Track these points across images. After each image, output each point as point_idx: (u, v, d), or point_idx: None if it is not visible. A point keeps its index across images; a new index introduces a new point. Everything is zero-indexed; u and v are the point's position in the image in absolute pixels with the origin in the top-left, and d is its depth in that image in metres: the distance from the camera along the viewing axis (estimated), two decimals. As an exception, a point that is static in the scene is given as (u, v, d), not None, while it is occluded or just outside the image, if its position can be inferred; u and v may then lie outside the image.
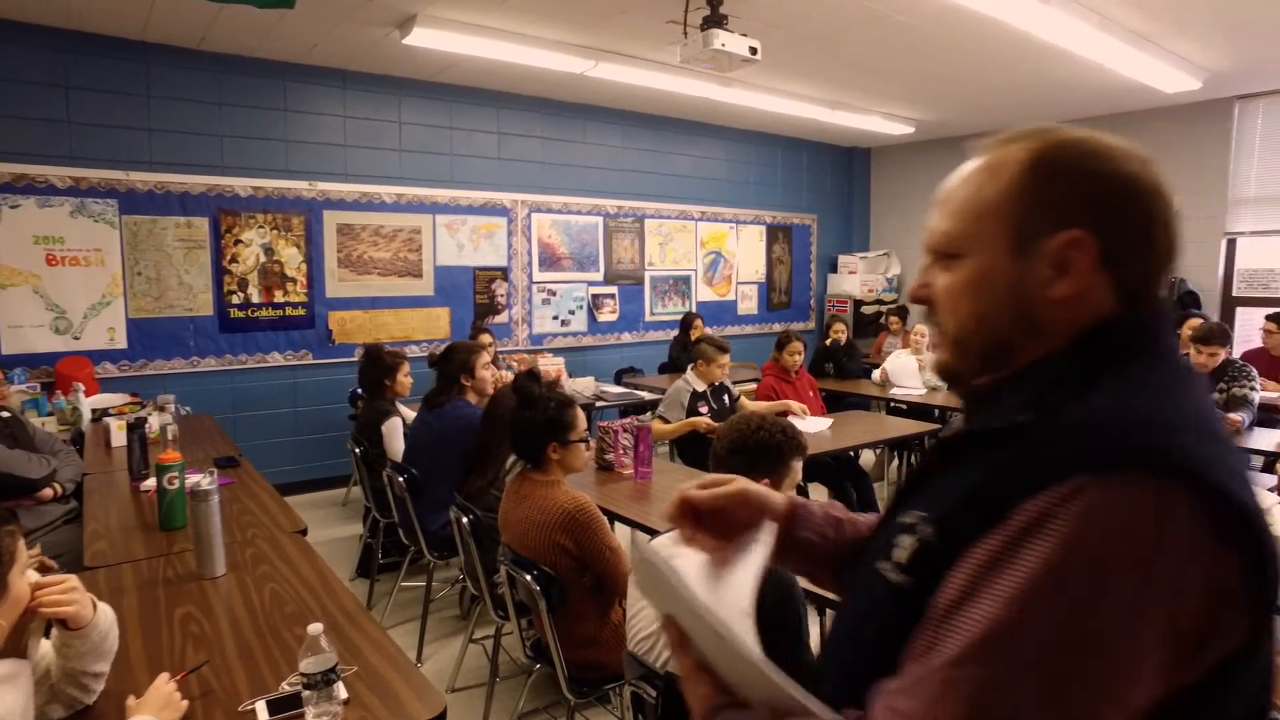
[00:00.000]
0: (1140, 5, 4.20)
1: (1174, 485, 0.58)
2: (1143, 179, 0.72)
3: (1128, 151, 0.74)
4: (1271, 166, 6.16)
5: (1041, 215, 0.72)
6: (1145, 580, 0.56)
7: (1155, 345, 0.71)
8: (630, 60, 5.18)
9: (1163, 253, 0.72)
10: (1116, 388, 0.67)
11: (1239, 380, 4.24)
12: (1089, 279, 0.70)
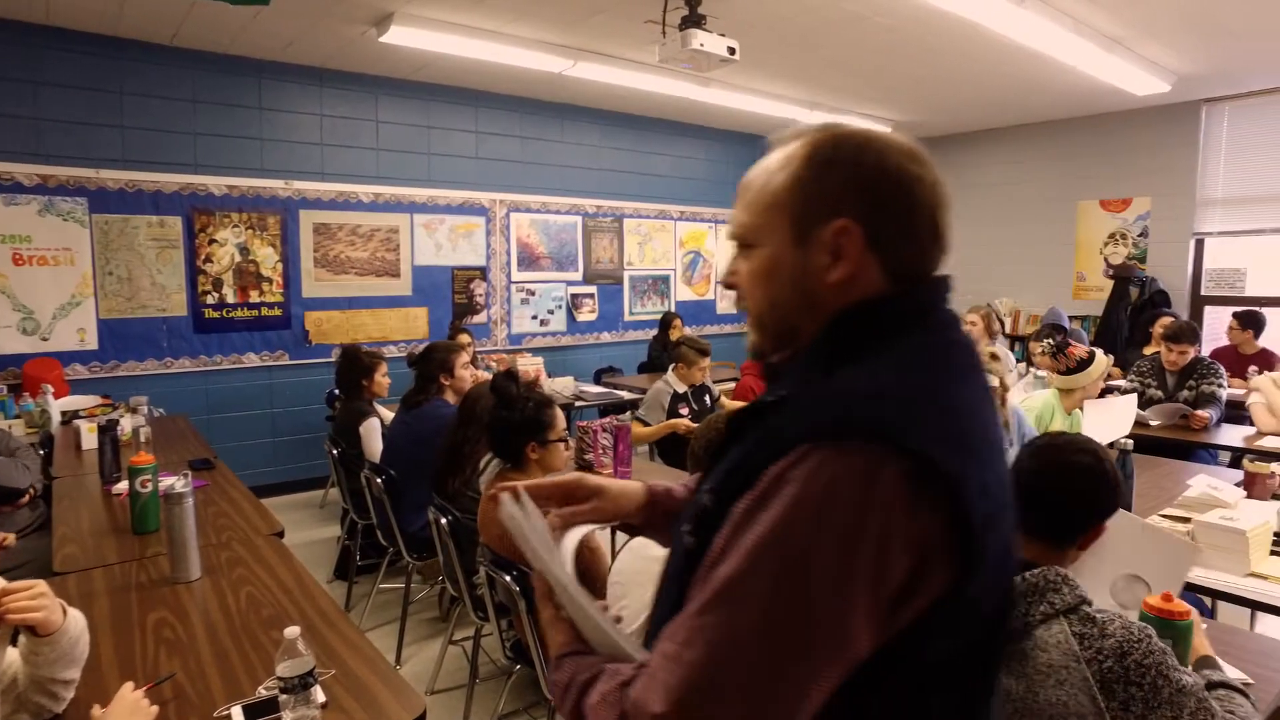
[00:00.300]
0: (1111, 9, 4.27)
1: (883, 451, 0.65)
2: (906, 171, 0.78)
3: (898, 146, 0.80)
4: (1237, 169, 6.28)
5: (815, 206, 0.78)
6: (854, 534, 0.64)
7: (922, 321, 0.78)
8: (609, 60, 5.18)
9: (928, 237, 0.79)
10: (863, 363, 0.74)
11: (1207, 377, 4.32)
12: (859, 263, 0.77)
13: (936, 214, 0.80)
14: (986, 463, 0.73)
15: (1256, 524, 2.22)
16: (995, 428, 0.79)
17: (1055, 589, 1.24)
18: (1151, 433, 4.10)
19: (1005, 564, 0.77)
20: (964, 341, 0.81)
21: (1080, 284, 7.15)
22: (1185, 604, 1.49)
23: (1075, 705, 1.17)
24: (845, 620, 0.64)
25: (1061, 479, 1.37)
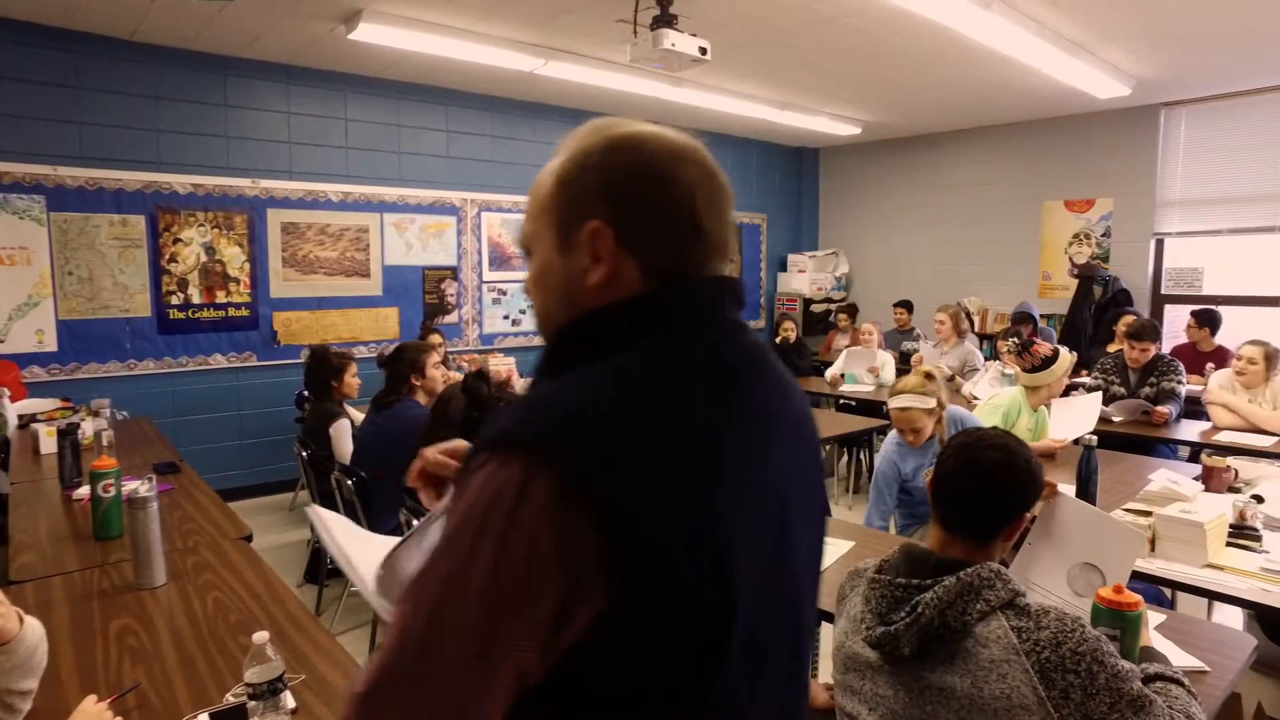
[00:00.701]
0: (1074, 14, 4.35)
1: (540, 465, 0.65)
2: (657, 169, 0.77)
3: (658, 144, 0.79)
4: (1194, 171, 6.43)
5: (572, 209, 0.78)
6: (504, 547, 0.64)
7: (669, 325, 0.76)
8: (580, 59, 5.17)
9: (685, 236, 0.78)
10: (575, 370, 0.73)
11: (1167, 375, 4.42)
12: (614, 264, 0.76)
13: (697, 212, 0.78)
14: (700, 486, 0.69)
15: (1213, 517, 2.28)
16: (759, 451, 0.76)
17: (989, 585, 1.27)
18: (1115, 429, 4.19)
19: (721, 597, 0.70)
20: (727, 351, 0.78)
21: (1046, 283, 7.28)
22: (1135, 595, 1.53)
23: (1018, 697, 1.19)
24: (503, 632, 0.64)
25: (976, 475, 1.39)
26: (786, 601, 0.81)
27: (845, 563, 2.31)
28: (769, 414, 0.80)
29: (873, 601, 1.36)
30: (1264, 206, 6.12)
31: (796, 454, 0.83)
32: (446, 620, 0.65)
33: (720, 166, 0.83)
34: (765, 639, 0.77)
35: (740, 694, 0.75)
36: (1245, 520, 2.41)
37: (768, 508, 0.77)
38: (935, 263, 8.01)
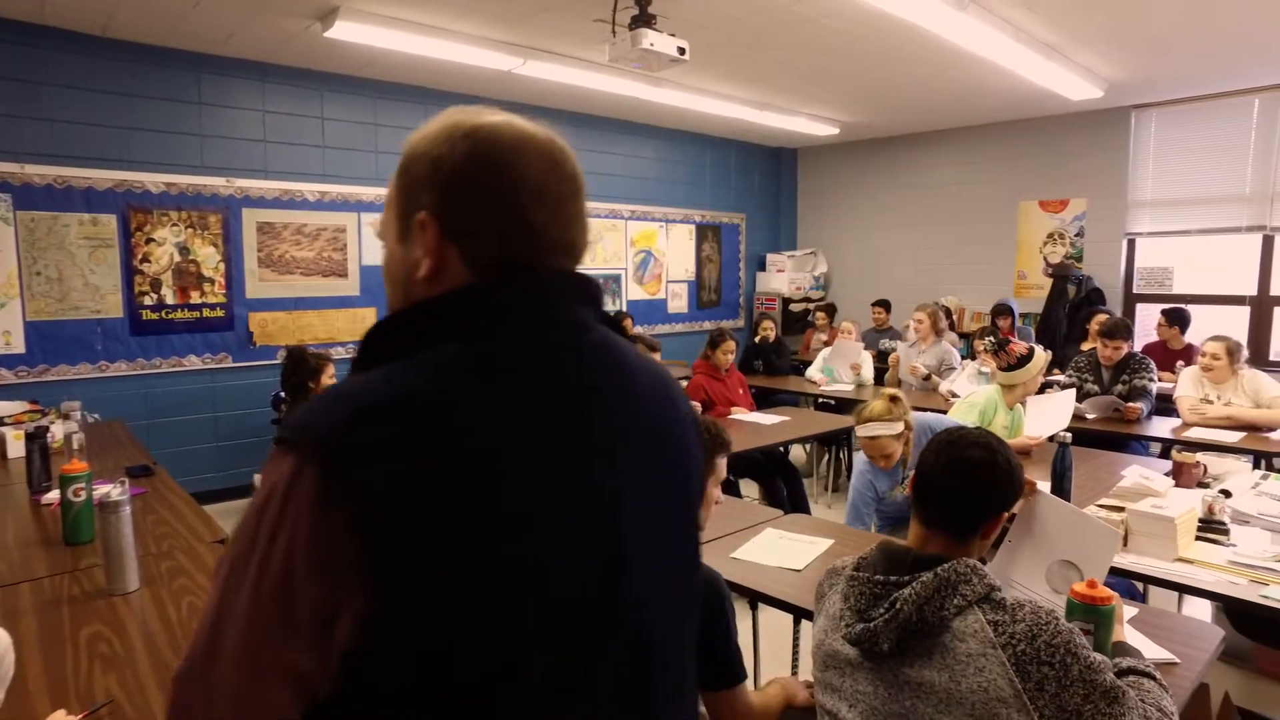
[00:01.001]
0: (1048, 17, 4.40)
1: (307, 461, 0.65)
2: (486, 158, 0.75)
3: (492, 133, 0.77)
4: (1164, 172, 6.54)
5: (406, 201, 0.77)
6: (273, 535, 0.65)
7: (483, 321, 0.74)
8: (559, 58, 5.16)
9: (512, 230, 0.75)
10: (369, 372, 0.72)
11: (1139, 372, 4.49)
12: (439, 256, 0.75)
13: (525, 206, 0.76)
14: (478, 491, 0.67)
15: (1184, 511, 2.32)
16: (576, 456, 0.74)
17: (966, 580, 1.28)
18: (1088, 426, 4.25)
19: (502, 608, 0.68)
20: (540, 350, 0.75)
21: (1021, 282, 7.36)
22: (1108, 590, 1.56)
23: (995, 690, 1.20)
24: (268, 628, 0.65)
25: (956, 473, 1.41)
26: (621, 620, 0.76)
27: (824, 561, 2.32)
28: (600, 417, 0.77)
29: (851, 599, 1.37)
30: (1230, 208, 6.23)
31: (648, 461, 0.80)
32: (228, 610, 0.66)
33: (577, 162, 0.81)
34: (582, 659, 0.73)
35: (545, 715, 0.72)
36: (1213, 514, 2.46)
37: (586, 517, 0.73)
38: (912, 262, 8.08)
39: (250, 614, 0.65)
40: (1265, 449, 3.76)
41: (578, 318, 0.79)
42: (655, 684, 0.81)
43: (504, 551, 0.68)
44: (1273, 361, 6.09)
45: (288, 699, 0.66)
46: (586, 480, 0.74)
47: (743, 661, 1.64)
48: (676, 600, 0.85)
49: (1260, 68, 5.48)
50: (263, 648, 0.65)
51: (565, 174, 0.79)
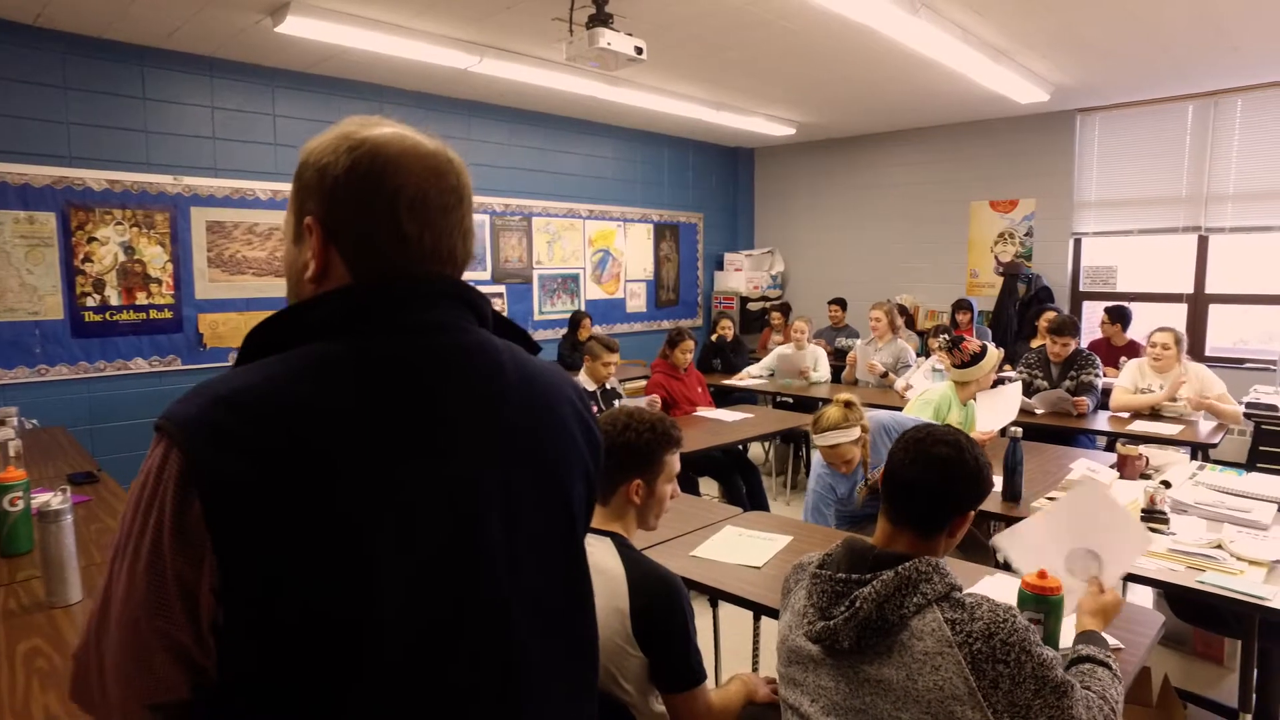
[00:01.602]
0: (996, 22, 4.50)
1: (173, 446, 0.71)
2: (367, 171, 0.81)
3: (377, 145, 0.82)
4: (1107, 174, 6.74)
5: (298, 204, 0.84)
6: (146, 515, 0.71)
7: (351, 321, 0.79)
8: (516, 57, 5.12)
9: (386, 234, 0.81)
10: (249, 363, 0.78)
11: (1086, 368, 4.62)
12: (323, 257, 0.82)
13: (400, 216, 0.82)
14: (324, 478, 0.72)
15: (1128, 502, 2.39)
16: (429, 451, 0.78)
17: (927, 579, 1.29)
18: (1038, 420, 4.36)
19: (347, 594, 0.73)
20: (401, 351, 0.80)
21: (974, 280, 7.52)
22: (1057, 580, 1.61)
23: (950, 688, 1.22)
24: (146, 602, 0.70)
25: (924, 471, 1.41)
26: (482, 613, 0.81)
27: (784, 558, 2.34)
28: (461, 421, 0.81)
29: (814, 596, 1.38)
30: (1168, 209, 6.44)
31: (508, 468, 0.84)
32: (114, 589, 0.72)
33: (464, 173, 0.89)
34: (439, 651, 0.78)
35: (398, 706, 0.75)
36: (1155, 504, 2.54)
37: (437, 509, 0.78)
38: (868, 261, 8.20)
39: (129, 590, 0.70)
40: (1202, 441, 3.90)
41: (446, 321, 0.83)
42: (520, 681, 0.85)
43: (344, 541, 0.73)
44: (1208, 356, 6.32)
45: (177, 674, 0.70)
46: (435, 477, 0.79)
47: (702, 662, 1.64)
48: (552, 610, 0.89)
49: (1194, 75, 5.68)
50: (141, 621, 0.70)
51: (447, 186, 0.85)
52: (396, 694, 0.75)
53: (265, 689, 0.73)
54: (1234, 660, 2.97)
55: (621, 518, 1.76)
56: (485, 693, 0.82)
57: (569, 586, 0.93)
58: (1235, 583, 2.08)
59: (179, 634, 0.70)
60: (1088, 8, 4.28)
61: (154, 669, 0.70)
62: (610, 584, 1.61)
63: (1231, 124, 6.12)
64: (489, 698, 0.82)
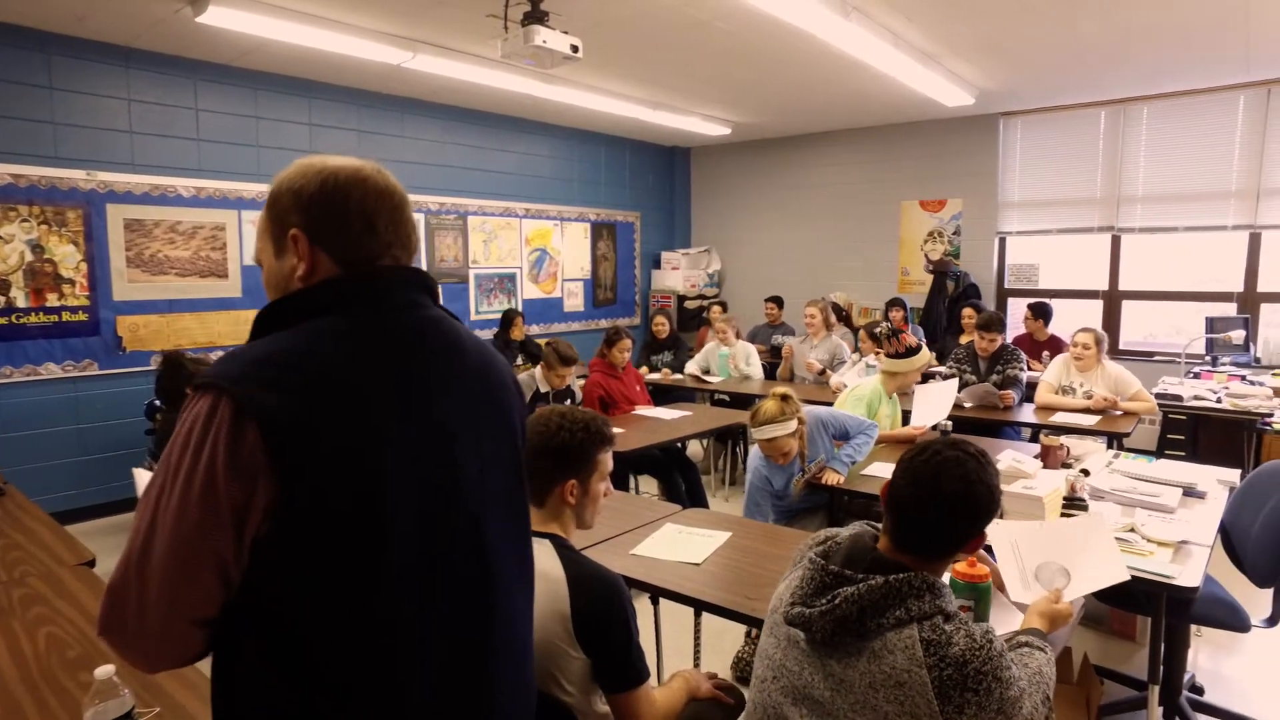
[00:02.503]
0: (924, 28, 4.63)
1: (223, 394, 0.90)
2: (336, 186, 1.05)
3: (337, 170, 1.06)
4: (1029, 175, 7.01)
5: (278, 224, 1.06)
6: (200, 452, 0.88)
7: (345, 302, 1.02)
8: (450, 53, 5.05)
9: (360, 232, 1.05)
10: (262, 338, 0.99)
11: (1011, 363, 4.80)
12: (311, 258, 1.04)
13: (369, 216, 1.05)
14: (350, 414, 0.95)
15: (1050, 490, 2.49)
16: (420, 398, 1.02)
17: (916, 595, 1.28)
18: (966, 414, 4.51)
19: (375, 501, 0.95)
20: (390, 321, 1.03)
21: (905, 278, 7.72)
22: (985, 568, 1.68)
23: (911, 707, 1.22)
24: (201, 523, 0.87)
25: (935, 510, 1.35)
26: (463, 532, 1.06)
27: (724, 554, 2.37)
28: (435, 371, 1.06)
29: (804, 579, 1.38)
30: (1084, 209, 6.73)
31: (472, 406, 1.09)
32: (160, 518, 0.88)
33: (397, 183, 1.11)
34: (436, 562, 1.02)
35: (408, 610, 0.99)
36: (1075, 492, 2.66)
37: (431, 444, 1.02)
38: (803, 259, 8.34)
39: (180, 515, 0.87)
40: (1116, 430, 4.09)
41: (413, 300, 1.08)
42: (498, 597, 1.10)
43: (370, 457, 0.95)
44: (1122, 350, 6.63)
45: (215, 585, 0.89)
46: (426, 413, 1.03)
47: (644, 661, 1.65)
48: (503, 520, 1.13)
49: (1106, 83, 5.95)
50: (193, 539, 0.87)
51: (392, 193, 1.09)
52: (404, 593, 0.98)
53: (280, 601, 0.92)
54: (1145, 636, 3.12)
55: (558, 518, 1.75)
56: (472, 588, 1.06)
57: (517, 499, 1.17)
58: (1146, 563, 2.19)
59: (226, 550, 0.88)
60: (1009, 17, 4.44)
61: (201, 582, 0.88)
62: (550, 586, 1.60)
63: (1139, 130, 6.44)
64: (475, 592, 1.07)
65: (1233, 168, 6.08)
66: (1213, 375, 5.34)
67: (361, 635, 0.95)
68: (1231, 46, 5.04)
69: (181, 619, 0.88)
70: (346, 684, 0.95)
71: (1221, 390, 4.88)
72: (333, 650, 0.94)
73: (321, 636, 0.93)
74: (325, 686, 0.94)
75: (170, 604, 0.87)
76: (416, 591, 0.99)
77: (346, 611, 0.94)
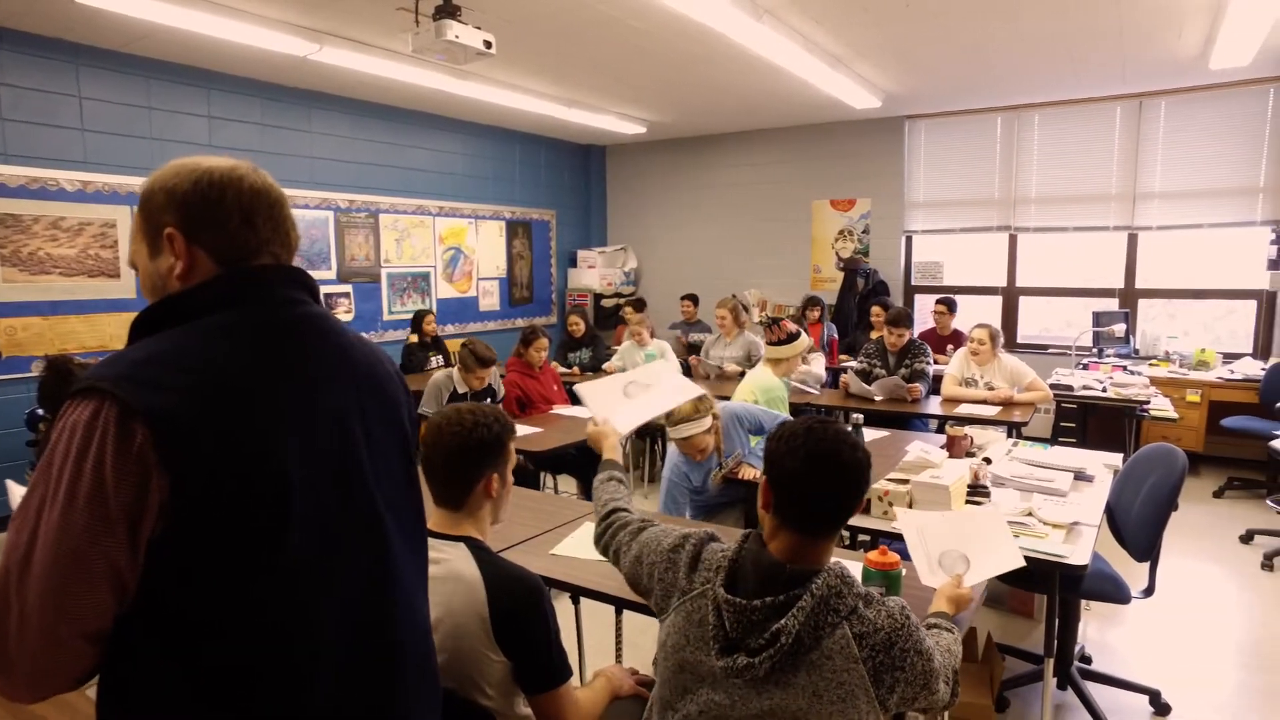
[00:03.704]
0: (833, 31, 4.77)
1: (106, 397, 0.88)
2: (211, 185, 1.04)
3: (211, 169, 1.05)
4: (933, 176, 7.31)
5: (151, 223, 1.05)
6: (86, 455, 0.87)
7: (228, 300, 1.02)
8: (359, 46, 4.90)
9: (239, 229, 1.05)
10: (143, 340, 0.98)
11: (919, 357, 5.00)
12: (188, 256, 1.03)
13: (246, 212, 1.05)
14: (238, 406, 0.95)
15: (956, 478, 2.61)
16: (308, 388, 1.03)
17: (839, 595, 1.30)
18: (878, 406, 4.67)
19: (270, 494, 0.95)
20: (272, 316, 1.04)
21: (817, 275, 7.94)
22: (895, 556, 1.79)
23: (850, 699, 1.27)
24: (91, 528, 0.85)
25: (837, 482, 1.36)
26: (360, 521, 1.06)
27: (644, 549, 2.38)
28: (324, 363, 1.06)
29: (726, 623, 1.32)
30: (983, 209, 7.08)
31: (361, 397, 1.10)
32: (41, 528, 0.85)
33: (274, 182, 1.10)
34: (335, 552, 1.02)
35: (308, 601, 0.99)
36: (978, 479, 2.79)
37: (323, 432, 1.03)
38: (719, 257, 8.47)
39: (65, 524, 0.84)
40: (1015, 420, 4.32)
41: (296, 297, 1.08)
42: (398, 577, 1.12)
43: (262, 448, 0.95)
44: (1019, 344, 7.00)
45: (106, 593, 0.86)
46: (317, 405, 1.03)
47: (566, 660, 1.64)
48: (398, 497, 1.14)
49: (1001, 90, 6.26)
50: (80, 547, 0.84)
51: (269, 190, 1.08)
52: (303, 584, 0.98)
53: (180, 599, 0.90)
54: (1042, 613, 3.31)
55: (475, 517, 1.72)
56: (371, 577, 1.08)
57: (412, 489, 1.19)
58: (1042, 544, 2.32)
59: (118, 555, 0.86)
60: (912, 24, 4.62)
61: (91, 592, 0.85)
62: (469, 591, 1.58)
63: (1032, 135, 6.80)
64: (375, 581, 1.08)
65: (1113, 173, 6.50)
66: (1099, 366, 5.70)
67: (262, 629, 0.95)
68: (1109, 61, 5.39)
69: (70, 634, 0.85)
70: (250, 680, 0.94)
71: (1107, 380, 5.21)
72: (233, 647, 0.93)
73: (221, 634, 0.93)
74: (228, 685, 0.93)
75: (56, 616, 0.84)
76: (316, 582, 1.00)
77: (246, 606, 0.94)
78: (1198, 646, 3.31)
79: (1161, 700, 2.82)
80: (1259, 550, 4.26)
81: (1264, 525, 4.53)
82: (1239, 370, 5.69)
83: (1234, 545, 4.43)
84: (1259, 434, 4.95)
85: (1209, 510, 5.06)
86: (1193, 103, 6.16)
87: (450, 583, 1.59)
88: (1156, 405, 4.94)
